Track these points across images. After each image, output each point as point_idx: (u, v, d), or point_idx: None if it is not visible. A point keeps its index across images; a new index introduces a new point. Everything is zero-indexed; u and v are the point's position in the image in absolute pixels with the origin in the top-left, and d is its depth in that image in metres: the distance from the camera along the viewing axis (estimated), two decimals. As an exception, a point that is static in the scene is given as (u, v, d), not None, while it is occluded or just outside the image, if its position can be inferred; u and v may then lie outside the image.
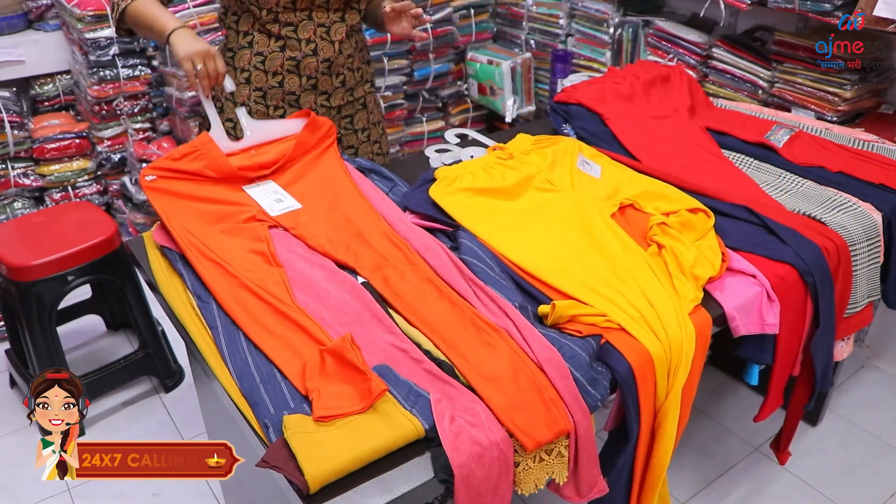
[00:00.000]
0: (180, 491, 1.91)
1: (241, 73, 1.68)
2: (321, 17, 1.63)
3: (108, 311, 2.53)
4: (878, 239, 1.49)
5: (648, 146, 1.72)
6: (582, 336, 1.10)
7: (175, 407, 2.23)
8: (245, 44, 1.66)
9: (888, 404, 2.15)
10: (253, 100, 1.70)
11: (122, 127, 2.74)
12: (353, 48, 1.73)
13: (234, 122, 1.65)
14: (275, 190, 1.48)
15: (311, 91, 1.70)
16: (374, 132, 1.89)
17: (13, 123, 2.54)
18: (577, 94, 1.90)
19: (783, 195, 1.56)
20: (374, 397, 0.95)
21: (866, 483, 1.90)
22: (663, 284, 1.22)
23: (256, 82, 1.68)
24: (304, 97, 1.70)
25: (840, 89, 1.96)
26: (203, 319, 1.18)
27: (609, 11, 2.54)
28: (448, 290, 1.18)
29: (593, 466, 1.06)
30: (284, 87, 1.68)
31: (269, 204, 1.43)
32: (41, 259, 1.96)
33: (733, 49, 2.19)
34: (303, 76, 1.67)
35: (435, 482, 0.92)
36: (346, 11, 1.66)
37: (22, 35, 2.61)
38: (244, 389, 1.04)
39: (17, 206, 2.62)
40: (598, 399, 1.04)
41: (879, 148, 1.71)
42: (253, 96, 1.69)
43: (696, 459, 1.97)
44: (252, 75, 1.68)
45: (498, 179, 1.49)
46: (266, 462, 0.90)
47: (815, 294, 1.35)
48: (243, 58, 1.67)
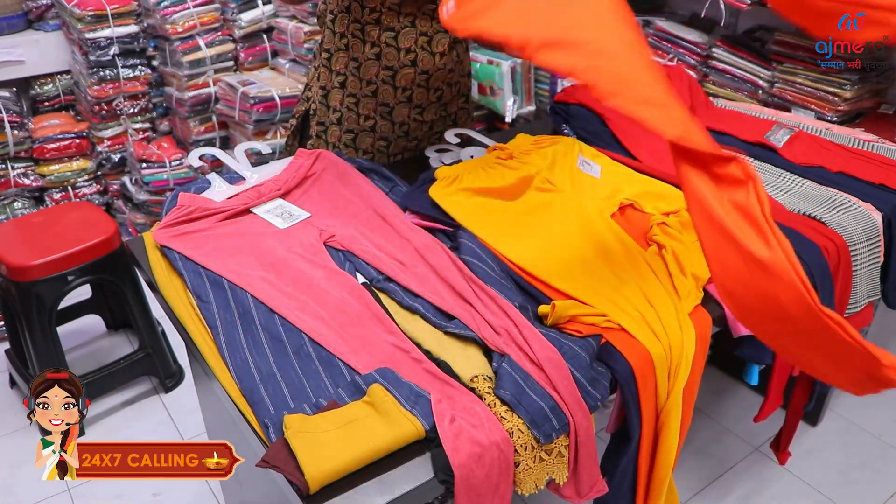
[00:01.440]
0: (180, 491, 1.91)
1: (336, 77, 1.64)
2: (424, 26, 1.55)
3: (108, 311, 2.53)
4: (879, 239, 1.49)
5: (648, 146, 1.72)
6: (582, 336, 1.10)
7: (175, 407, 2.23)
8: (342, 46, 1.60)
9: (888, 404, 2.15)
10: (346, 106, 1.65)
11: (122, 127, 2.74)
12: (454, 61, 1.66)
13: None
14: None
15: (406, 104, 1.64)
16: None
17: (13, 123, 2.54)
18: (577, 94, 1.90)
19: (783, 195, 1.56)
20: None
21: (866, 483, 1.90)
22: (663, 284, 1.22)
23: (351, 88, 1.63)
24: (397, 109, 1.65)
25: (840, 89, 1.96)
26: (203, 319, 1.18)
27: (609, 11, 2.54)
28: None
29: (593, 466, 1.06)
30: (378, 98, 1.63)
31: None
32: (41, 259, 1.96)
33: (733, 49, 2.19)
34: (398, 88, 1.61)
35: (435, 482, 0.92)
36: None
37: (22, 35, 2.62)
38: (244, 389, 1.04)
39: (17, 206, 2.62)
40: (598, 399, 1.04)
41: (879, 148, 1.71)
42: (346, 102, 1.64)
43: (696, 459, 1.97)
44: (347, 80, 1.63)
45: (498, 179, 1.49)
46: (266, 462, 0.90)
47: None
48: (340, 61, 1.62)
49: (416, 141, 1.73)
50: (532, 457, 0.98)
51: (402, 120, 1.67)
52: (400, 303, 1.20)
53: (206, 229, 1.37)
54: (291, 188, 1.50)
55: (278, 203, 1.47)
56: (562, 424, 0.99)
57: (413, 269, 1.25)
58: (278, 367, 1.08)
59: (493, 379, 1.02)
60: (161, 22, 2.59)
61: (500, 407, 0.98)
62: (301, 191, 1.51)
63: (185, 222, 1.38)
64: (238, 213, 1.43)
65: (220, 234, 1.37)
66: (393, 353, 1.09)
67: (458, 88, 1.73)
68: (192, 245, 1.33)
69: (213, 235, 1.36)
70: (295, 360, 1.09)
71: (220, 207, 1.42)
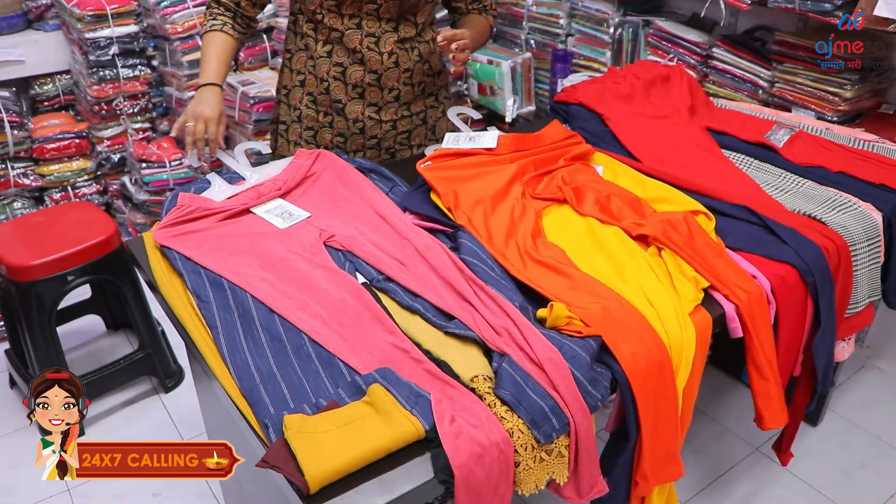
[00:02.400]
0: (180, 491, 1.91)
1: (296, 76, 1.68)
2: (371, 27, 1.58)
3: (107, 311, 2.53)
4: (879, 239, 1.49)
5: (648, 146, 1.72)
6: (582, 336, 1.10)
7: (175, 407, 2.23)
8: (301, 46, 1.65)
9: (888, 404, 2.15)
10: (305, 104, 1.69)
11: (121, 127, 2.74)
12: (414, 61, 1.66)
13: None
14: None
15: (359, 100, 1.66)
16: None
17: (13, 123, 2.54)
18: (577, 94, 1.90)
19: (783, 195, 1.56)
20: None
21: (866, 483, 1.90)
22: (664, 285, 1.22)
23: (309, 87, 1.67)
24: (349, 106, 1.66)
25: (840, 89, 1.96)
26: (203, 319, 1.18)
27: (609, 11, 2.54)
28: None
29: (593, 466, 1.06)
30: (331, 95, 1.65)
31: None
32: (41, 259, 1.96)
33: (733, 49, 2.19)
34: (349, 84, 1.63)
35: (435, 482, 0.91)
36: (399, 23, 1.60)
37: (22, 35, 2.62)
38: (244, 389, 1.04)
39: (17, 206, 2.62)
40: (598, 399, 1.04)
41: (880, 148, 1.71)
42: (305, 100, 1.68)
43: (696, 459, 1.97)
44: (306, 79, 1.67)
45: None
46: (266, 462, 0.90)
47: (815, 294, 1.34)
48: (300, 60, 1.66)
49: (375, 139, 1.73)
50: (532, 457, 0.98)
51: (355, 117, 1.68)
52: (400, 303, 1.20)
53: (206, 229, 1.37)
54: (291, 188, 1.50)
55: (278, 203, 1.46)
56: (562, 424, 0.99)
57: (413, 269, 1.25)
58: (278, 367, 1.07)
59: (493, 379, 1.02)
60: (161, 22, 2.59)
61: (501, 407, 0.98)
62: (301, 190, 1.51)
63: (185, 222, 1.38)
64: (238, 213, 1.43)
65: (219, 235, 1.37)
66: (393, 353, 1.08)
67: (424, 87, 1.73)
68: (192, 245, 1.33)
69: (213, 236, 1.36)
70: (295, 360, 1.09)
71: (220, 207, 1.42)
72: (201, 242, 1.34)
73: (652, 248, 1.33)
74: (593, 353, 1.07)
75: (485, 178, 1.48)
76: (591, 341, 1.09)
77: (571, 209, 1.44)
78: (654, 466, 1.17)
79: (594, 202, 1.42)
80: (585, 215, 1.40)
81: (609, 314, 1.13)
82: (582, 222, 1.39)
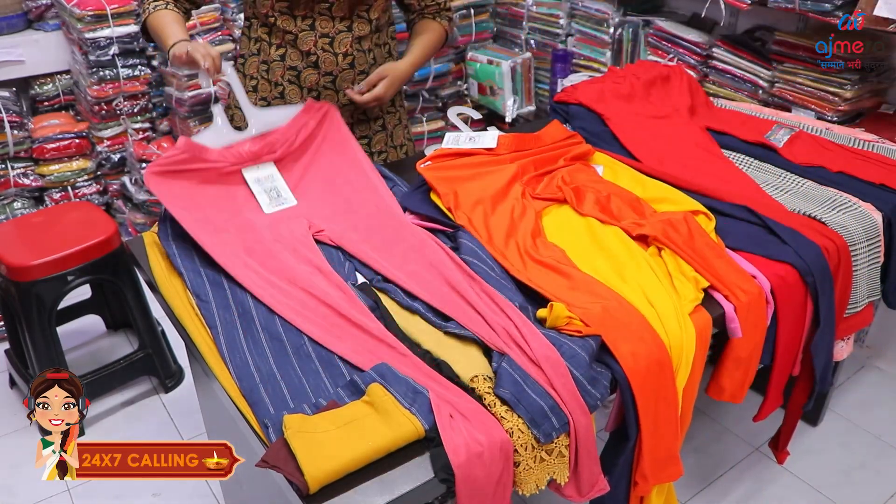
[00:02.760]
0: (180, 491, 1.91)
1: (249, 81, 1.65)
2: (325, 27, 1.56)
3: (107, 311, 2.53)
4: (879, 239, 1.49)
5: (649, 146, 1.72)
6: (582, 336, 1.10)
7: (175, 407, 2.23)
8: (254, 50, 1.63)
9: (888, 404, 2.15)
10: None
11: (121, 127, 2.74)
12: (370, 63, 1.64)
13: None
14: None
15: None
16: (393, 156, 1.80)
17: (13, 123, 2.54)
18: (577, 94, 1.89)
19: (783, 195, 1.56)
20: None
21: (866, 483, 1.90)
22: (664, 285, 1.22)
23: (262, 91, 1.64)
24: None
25: (840, 89, 1.96)
26: (203, 319, 1.18)
27: (609, 11, 2.54)
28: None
29: (594, 465, 1.06)
30: (286, 99, 1.63)
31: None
32: (41, 259, 1.96)
33: (733, 49, 2.19)
34: (304, 88, 1.62)
35: (435, 482, 0.91)
36: (353, 21, 1.58)
37: (22, 35, 2.62)
38: (244, 389, 1.04)
39: (17, 206, 2.62)
40: (597, 398, 1.04)
41: (880, 148, 1.71)
42: (259, 105, 1.65)
43: (696, 459, 1.97)
44: (259, 84, 1.64)
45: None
46: (266, 462, 0.90)
47: (815, 294, 1.35)
48: (252, 65, 1.64)
49: None
50: (533, 457, 0.98)
51: None
52: (399, 303, 1.20)
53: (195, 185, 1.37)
54: (288, 152, 1.47)
55: (269, 172, 1.44)
56: (561, 424, 0.99)
57: (406, 267, 1.25)
58: (278, 367, 1.08)
59: (493, 379, 1.02)
60: (161, 22, 2.59)
61: (500, 407, 0.98)
62: (296, 163, 1.47)
63: (177, 172, 1.37)
64: (229, 173, 1.41)
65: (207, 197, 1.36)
66: (384, 353, 1.09)
67: None
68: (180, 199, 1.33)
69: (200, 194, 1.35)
70: (295, 360, 1.09)
71: (214, 162, 1.40)
72: (189, 199, 1.34)
73: (652, 248, 1.33)
74: (592, 352, 1.07)
75: (485, 178, 1.48)
76: (591, 341, 1.09)
77: (571, 209, 1.44)
78: (654, 466, 1.17)
79: (594, 202, 1.42)
80: (585, 215, 1.40)
81: (609, 314, 1.13)
82: (582, 222, 1.39)
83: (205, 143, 1.42)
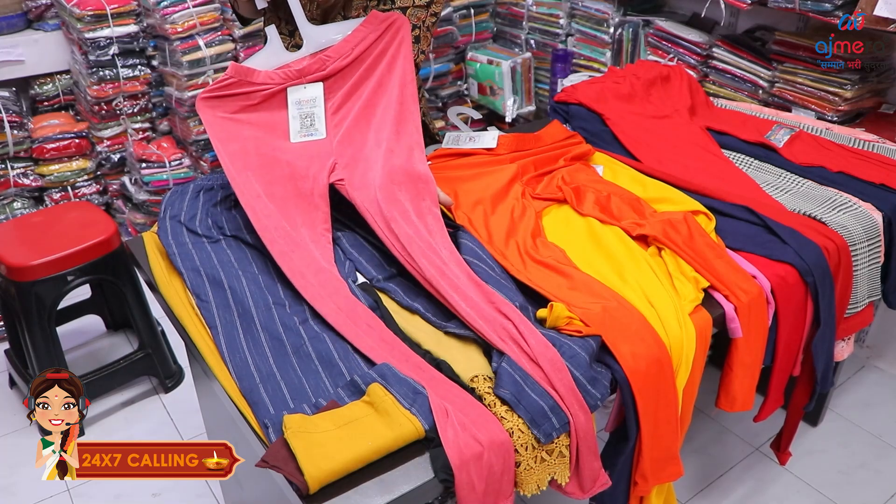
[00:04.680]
0: (180, 491, 1.91)
1: None
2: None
3: (107, 311, 2.53)
4: (879, 239, 1.49)
5: (649, 146, 1.72)
6: (582, 336, 1.10)
7: (175, 407, 2.22)
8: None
9: (888, 404, 2.15)
10: None
11: (121, 127, 2.74)
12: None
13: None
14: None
15: None
16: None
17: (13, 123, 2.54)
18: (577, 94, 1.90)
19: (783, 195, 1.56)
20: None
21: (866, 483, 1.90)
22: (664, 285, 1.22)
23: None
24: None
25: (840, 89, 1.96)
26: (203, 319, 1.18)
27: (609, 11, 2.54)
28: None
29: (594, 461, 1.06)
30: None
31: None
32: (41, 259, 1.95)
33: (733, 49, 2.19)
34: None
35: (435, 482, 0.91)
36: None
37: (21, 35, 2.61)
38: (244, 389, 1.04)
39: (17, 206, 2.62)
40: (597, 398, 1.04)
41: (880, 148, 1.71)
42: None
43: (696, 459, 1.97)
44: None
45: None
46: (266, 462, 0.90)
47: (815, 294, 1.34)
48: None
49: None
50: (533, 457, 0.98)
51: None
52: (400, 303, 1.20)
53: (239, 110, 1.37)
54: (339, 67, 1.38)
55: (313, 95, 1.37)
56: (562, 424, 0.99)
57: (413, 267, 1.25)
58: (278, 367, 1.07)
59: (493, 379, 1.02)
60: (161, 22, 2.59)
61: (500, 407, 0.98)
62: (344, 80, 1.39)
63: (227, 97, 1.36)
64: (275, 94, 1.38)
65: (247, 124, 1.36)
66: (385, 352, 1.09)
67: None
68: (222, 129, 1.34)
69: (243, 121, 1.36)
70: (294, 359, 1.09)
71: (261, 84, 1.37)
72: (229, 135, 1.34)
73: (652, 248, 1.33)
74: (592, 352, 1.07)
75: (485, 178, 1.48)
76: (591, 341, 1.09)
77: (571, 209, 1.44)
78: (654, 466, 1.17)
79: (594, 202, 1.42)
80: (585, 215, 1.40)
81: (609, 314, 1.13)
82: (582, 222, 1.39)
83: (256, 65, 1.39)
